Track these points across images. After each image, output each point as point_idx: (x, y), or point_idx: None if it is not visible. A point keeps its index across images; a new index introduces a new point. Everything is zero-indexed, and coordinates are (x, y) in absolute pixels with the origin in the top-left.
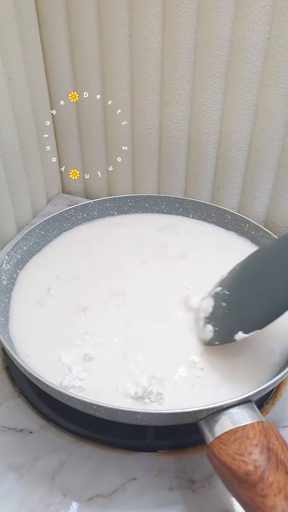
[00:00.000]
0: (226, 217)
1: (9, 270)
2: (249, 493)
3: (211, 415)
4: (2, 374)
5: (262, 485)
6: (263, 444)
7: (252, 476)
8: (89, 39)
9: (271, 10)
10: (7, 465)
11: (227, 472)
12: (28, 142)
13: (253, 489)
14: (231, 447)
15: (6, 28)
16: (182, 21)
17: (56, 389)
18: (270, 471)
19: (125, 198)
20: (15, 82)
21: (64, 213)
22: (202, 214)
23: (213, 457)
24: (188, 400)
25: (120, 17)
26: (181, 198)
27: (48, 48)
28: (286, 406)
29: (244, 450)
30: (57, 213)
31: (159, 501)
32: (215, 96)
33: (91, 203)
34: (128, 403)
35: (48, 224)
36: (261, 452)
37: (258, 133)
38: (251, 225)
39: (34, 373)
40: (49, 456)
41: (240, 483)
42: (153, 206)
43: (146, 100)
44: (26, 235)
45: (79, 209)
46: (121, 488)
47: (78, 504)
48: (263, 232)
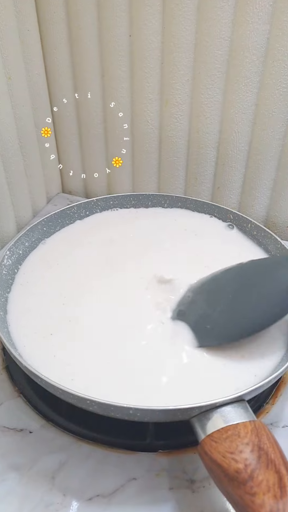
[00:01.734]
0: (228, 217)
1: (10, 266)
2: (238, 491)
3: (204, 413)
4: (2, 374)
5: (251, 483)
6: (254, 443)
7: (242, 474)
8: (89, 39)
9: (271, 9)
10: (7, 465)
11: (217, 470)
12: (28, 142)
13: (242, 487)
14: (222, 445)
15: (6, 28)
16: (182, 21)
17: (50, 383)
18: (260, 469)
19: (127, 196)
20: (15, 82)
21: (67, 210)
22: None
23: (204, 455)
24: (180, 397)
25: (120, 17)
26: (183, 197)
27: (48, 48)
28: (285, 406)
29: (235, 448)
30: (59, 210)
31: (159, 501)
32: (215, 96)
33: (93, 200)
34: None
35: (51, 221)
36: (252, 451)
37: (258, 132)
38: (253, 225)
39: (29, 367)
40: (49, 456)
41: (230, 481)
42: (155, 205)
43: (146, 100)
44: (28, 231)
45: (82, 207)
46: (121, 488)
47: (78, 504)
48: (265, 233)
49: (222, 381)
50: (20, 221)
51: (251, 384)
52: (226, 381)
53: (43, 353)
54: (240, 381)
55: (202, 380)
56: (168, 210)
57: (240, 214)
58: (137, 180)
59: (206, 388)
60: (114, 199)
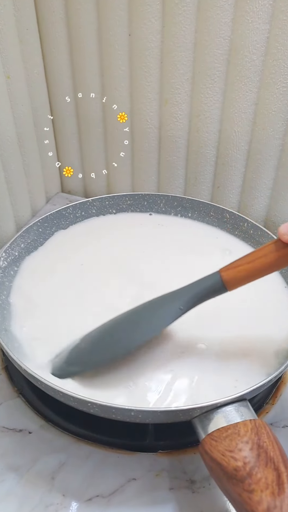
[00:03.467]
0: (225, 216)
1: (6, 268)
2: (236, 488)
3: (205, 413)
4: (2, 374)
5: (249, 480)
6: (254, 441)
7: (240, 472)
8: (89, 38)
9: (271, 8)
10: (6, 466)
11: (216, 468)
12: (27, 141)
13: (240, 484)
14: (222, 444)
15: (5, 27)
16: (181, 20)
17: (50, 386)
18: (259, 467)
19: (123, 196)
20: (14, 81)
21: (63, 210)
22: (201, 213)
23: (204, 454)
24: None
25: (119, 16)
26: (179, 197)
27: (47, 47)
28: (286, 406)
29: (234, 446)
30: (55, 211)
31: (159, 502)
32: (215, 95)
33: (89, 201)
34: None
35: (46, 222)
36: (251, 449)
37: (258, 132)
38: (250, 224)
39: (29, 370)
40: (48, 456)
41: (229, 478)
42: (151, 205)
43: (145, 99)
44: (23, 233)
45: (78, 207)
46: (120, 489)
47: (77, 504)
48: (261, 231)
49: (223, 381)
50: (19, 220)
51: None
52: (227, 381)
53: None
54: (241, 382)
55: (204, 380)
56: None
57: (237, 213)
58: (136, 179)
59: (206, 389)
60: (110, 199)
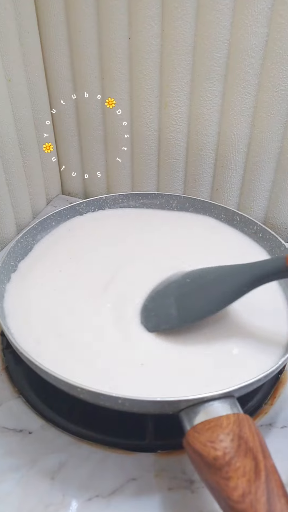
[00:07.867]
0: (235, 219)
1: (8, 262)
2: (215, 476)
3: (191, 406)
4: (2, 374)
5: (227, 468)
6: (235, 433)
7: (219, 461)
8: (89, 41)
9: (270, 12)
10: (6, 466)
11: (197, 458)
12: (28, 144)
13: (218, 472)
14: (203, 435)
15: (6, 30)
16: (181, 24)
17: (44, 369)
18: (238, 457)
19: (137, 195)
20: (15, 84)
21: (76, 206)
22: (212, 214)
23: (187, 446)
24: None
25: (119, 19)
26: (191, 198)
27: (48, 50)
28: (284, 407)
29: (215, 438)
30: (69, 206)
31: (158, 502)
32: (214, 98)
33: (103, 197)
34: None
35: (60, 216)
36: (232, 440)
37: (256, 134)
38: (258, 227)
39: (23, 351)
40: (48, 456)
41: (209, 468)
42: (163, 205)
43: (145, 102)
44: (36, 225)
45: (91, 203)
46: (120, 489)
47: (77, 504)
48: (270, 235)
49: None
50: (20, 222)
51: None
52: (220, 378)
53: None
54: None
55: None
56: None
57: (247, 217)
58: (136, 181)
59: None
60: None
